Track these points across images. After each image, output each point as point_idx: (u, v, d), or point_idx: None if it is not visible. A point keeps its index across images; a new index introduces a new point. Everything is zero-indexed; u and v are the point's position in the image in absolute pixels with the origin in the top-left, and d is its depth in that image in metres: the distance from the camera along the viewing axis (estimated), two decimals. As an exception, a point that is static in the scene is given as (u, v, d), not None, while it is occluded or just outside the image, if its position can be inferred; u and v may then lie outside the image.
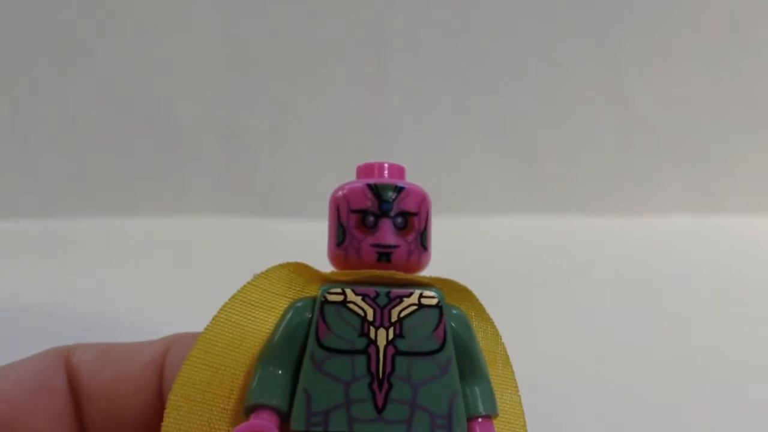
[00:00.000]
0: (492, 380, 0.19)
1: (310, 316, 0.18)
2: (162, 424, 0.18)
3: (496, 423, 0.19)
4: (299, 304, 0.19)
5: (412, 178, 0.20)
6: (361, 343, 0.18)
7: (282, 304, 0.19)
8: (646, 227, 0.63)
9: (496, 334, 0.20)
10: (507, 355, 0.20)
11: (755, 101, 0.64)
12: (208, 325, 0.19)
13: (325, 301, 0.18)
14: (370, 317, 0.18)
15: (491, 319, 0.20)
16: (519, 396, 0.20)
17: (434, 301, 0.18)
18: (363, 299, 0.18)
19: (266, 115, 0.64)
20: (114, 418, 0.21)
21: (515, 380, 0.20)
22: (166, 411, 0.18)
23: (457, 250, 0.56)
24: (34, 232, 0.63)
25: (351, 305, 0.18)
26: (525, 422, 0.20)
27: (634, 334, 0.48)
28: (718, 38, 0.63)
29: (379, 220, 0.19)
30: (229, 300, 0.19)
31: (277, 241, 0.59)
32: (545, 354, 0.45)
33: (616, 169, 0.65)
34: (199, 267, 0.56)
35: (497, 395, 0.19)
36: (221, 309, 0.19)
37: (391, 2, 0.63)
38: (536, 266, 0.57)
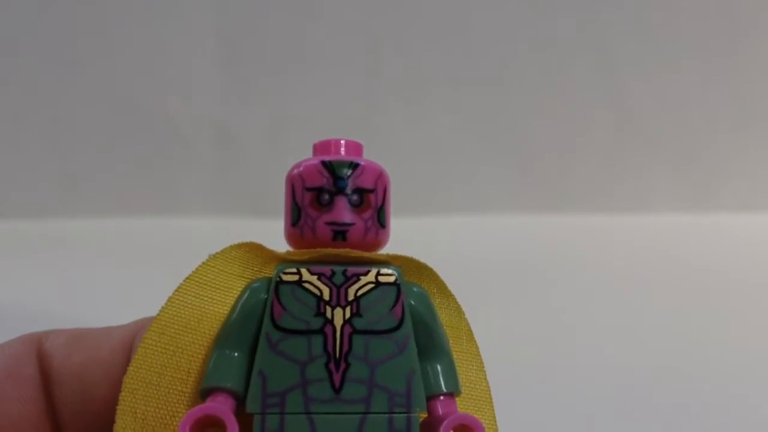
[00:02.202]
0: (456, 356, 0.19)
1: (266, 296, 0.18)
2: (117, 407, 0.17)
3: (461, 399, 0.19)
4: (255, 285, 0.18)
5: (407, 178, 0.20)
6: (317, 323, 0.17)
7: (239, 285, 0.19)
8: (641, 224, 0.63)
9: (458, 310, 0.20)
10: (471, 331, 0.20)
11: (748, 99, 0.65)
12: (163, 307, 0.18)
13: (280, 281, 0.18)
14: (326, 296, 0.18)
15: (453, 295, 0.20)
16: (484, 372, 0.20)
17: (392, 279, 0.18)
18: (319, 278, 0.18)
19: (260, 116, 0.64)
20: (84, 401, 0.21)
21: (480, 356, 0.20)
22: (121, 394, 0.17)
23: (453, 248, 0.56)
24: (27, 233, 0.62)
25: (307, 285, 0.18)
26: (491, 398, 0.20)
27: (629, 330, 0.48)
28: (712, 37, 0.64)
29: (335, 197, 0.18)
30: (185, 281, 0.19)
31: (272, 241, 0.59)
32: (540, 351, 0.45)
33: (610, 166, 0.65)
34: (192, 267, 0.55)
35: (462, 371, 0.19)
36: (176, 290, 0.18)
37: (385, 2, 0.63)
38: (531, 264, 0.57)
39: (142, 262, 0.57)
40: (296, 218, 0.19)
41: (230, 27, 0.63)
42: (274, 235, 0.20)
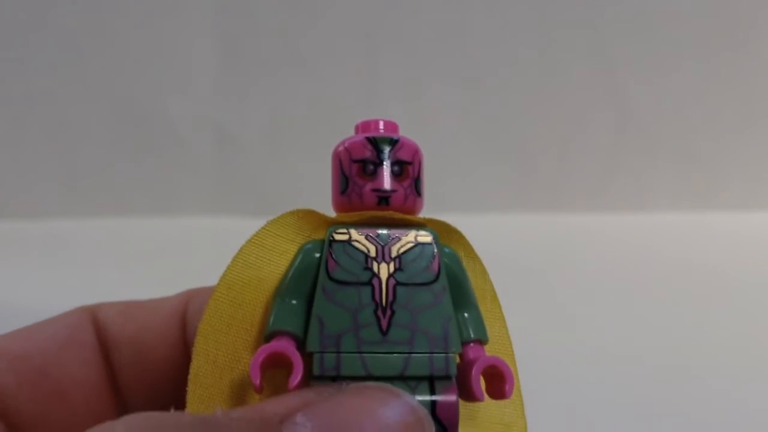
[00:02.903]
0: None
1: (319, 255, 0.20)
2: (192, 349, 0.20)
3: (487, 351, 0.20)
4: (308, 246, 0.21)
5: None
6: (365, 276, 0.20)
7: (292, 249, 0.21)
8: (640, 224, 0.64)
9: (484, 272, 0.22)
10: (495, 292, 0.22)
11: (748, 100, 0.65)
12: (228, 266, 0.20)
13: (333, 240, 0.20)
14: (372, 253, 0.20)
15: (479, 258, 0.22)
16: (507, 330, 0.22)
17: (429, 239, 0.20)
18: (366, 238, 0.20)
19: (260, 116, 0.64)
20: (142, 364, 0.23)
21: (503, 315, 0.22)
22: (196, 338, 0.20)
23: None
24: (27, 233, 0.62)
25: (356, 243, 0.20)
26: (513, 353, 0.21)
27: (629, 329, 0.48)
28: (711, 38, 0.64)
29: (378, 168, 0.21)
30: (246, 244, 0.21)
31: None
32: (540, 351, 0.45)
33: (609, 166, 0.65)
34: (191, 267, 0.55)
35: (487, 328, 0.21)
36: (239, 252, 0.20)
37: (384, 2, 0.63)
38: (531, 263, 0.57)
39: (141, 261, 0.57)
40: (344, 187, 0.21)
41: (229, 27, 0.63)
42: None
